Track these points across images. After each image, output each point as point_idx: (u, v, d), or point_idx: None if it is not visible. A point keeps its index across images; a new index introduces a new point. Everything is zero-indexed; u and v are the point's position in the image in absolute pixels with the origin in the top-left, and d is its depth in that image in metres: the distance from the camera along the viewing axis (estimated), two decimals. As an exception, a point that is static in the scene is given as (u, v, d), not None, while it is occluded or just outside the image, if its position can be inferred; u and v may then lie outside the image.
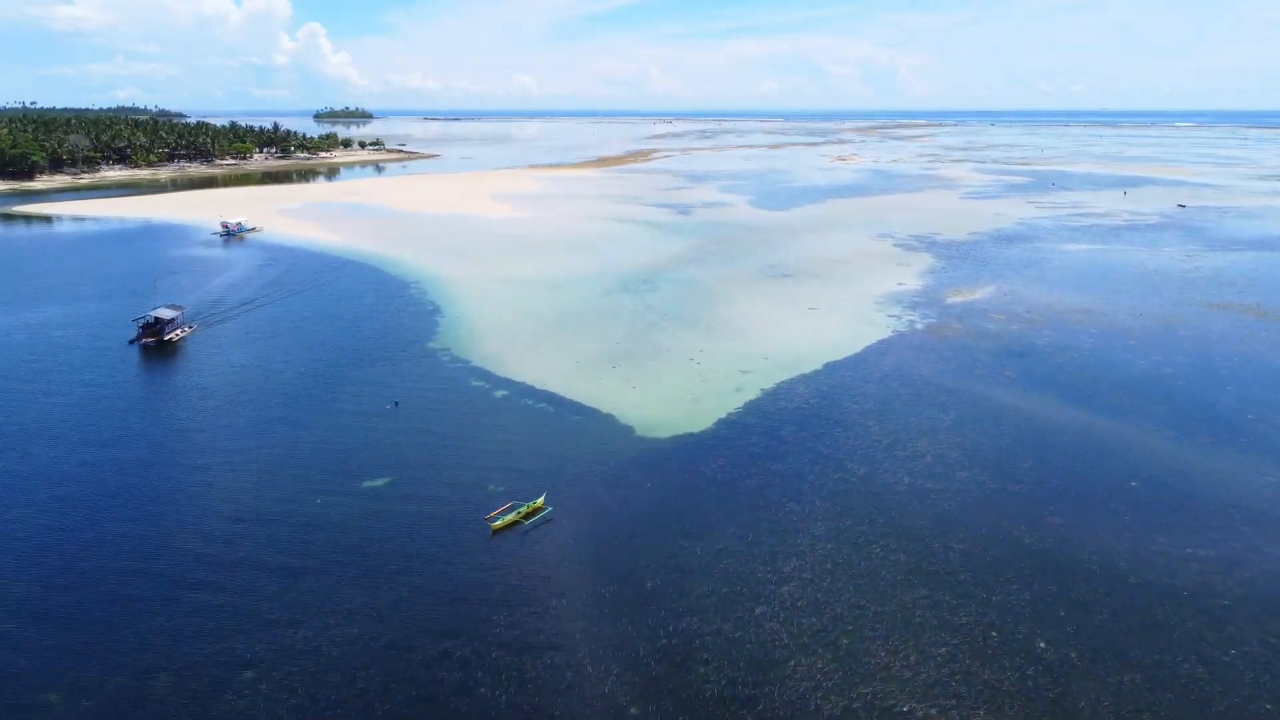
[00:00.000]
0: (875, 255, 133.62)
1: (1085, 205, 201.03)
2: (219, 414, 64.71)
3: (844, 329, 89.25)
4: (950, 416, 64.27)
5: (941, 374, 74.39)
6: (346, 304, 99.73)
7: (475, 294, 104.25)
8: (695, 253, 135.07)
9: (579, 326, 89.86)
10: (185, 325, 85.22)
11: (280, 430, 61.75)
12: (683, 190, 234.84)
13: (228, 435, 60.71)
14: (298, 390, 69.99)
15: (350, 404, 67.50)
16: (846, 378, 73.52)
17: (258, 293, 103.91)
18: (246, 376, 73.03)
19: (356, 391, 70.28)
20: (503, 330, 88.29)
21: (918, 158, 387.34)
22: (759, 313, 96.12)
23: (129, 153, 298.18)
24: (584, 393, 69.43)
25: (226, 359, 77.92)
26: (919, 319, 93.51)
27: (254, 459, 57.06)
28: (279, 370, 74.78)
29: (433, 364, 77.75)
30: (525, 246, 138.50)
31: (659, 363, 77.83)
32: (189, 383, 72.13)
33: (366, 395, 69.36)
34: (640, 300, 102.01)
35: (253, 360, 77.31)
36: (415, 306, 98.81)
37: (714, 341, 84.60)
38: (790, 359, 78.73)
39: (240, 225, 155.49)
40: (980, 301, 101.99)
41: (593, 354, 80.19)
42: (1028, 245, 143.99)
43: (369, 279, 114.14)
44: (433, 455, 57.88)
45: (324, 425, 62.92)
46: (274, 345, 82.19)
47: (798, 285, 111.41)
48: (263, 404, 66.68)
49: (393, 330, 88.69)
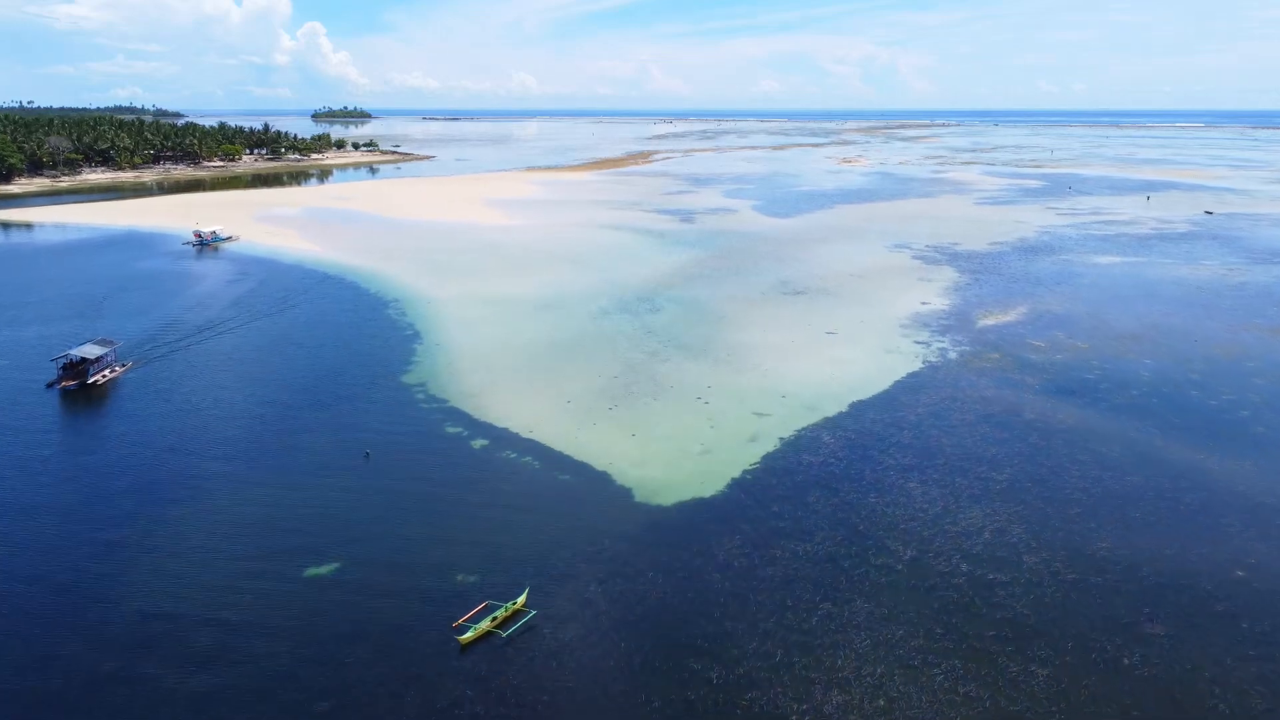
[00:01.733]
0: (894, 269, 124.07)
1: (1107, 211, 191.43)
2: (142, 475, 54.94)
3: (868, 359, 79.74)
4: (1004, 476, 54.75)
5: (985, 419, 64.87)
6: (315, 329, 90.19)
7: (459, 316, 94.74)
8: (699, 266, 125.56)
9: (571, 356, 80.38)
10: (117, 364, 74.33)
11: (216, 495, 52.23)
12: (685, 195, 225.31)
13: (149, 503, 51.12)
14: (244, 441, 60.43)
15: (305, 457, 58.00)
16: (877, 423, 64.01)
17: (218, 315, 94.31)
18: (184, 425, 63.18)
19: (314, 440, 60.77)
20: (486, 361, 78.81)
21: (925, 160, 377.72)
22: (772, 338, 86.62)
23: (112, 155, 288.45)
24: (575, 443, 59.95)
25: (163, 403, 67.38)
26: (950, 347, 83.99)
27: (179, 535, 47.55)
28: (226, 415, 65.15)
29: (404, 404, 68.26)
30: (516, 259, 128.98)
31: (662, 402, 68.35)
32: (112, 435, 61.76)
33: (325, 445, 59.85)
34: (640, 323, 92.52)
35: (195, 404, 67.37)
36: (391, 331, 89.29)
37: (723, 374, 75.12)
38: (810, 397, 69.27)
39: (214, 234, 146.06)
40: (1015, 325, 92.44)
41: (586, 391, 70.71)
42: (1055, 257, 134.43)
43: (344, 298, 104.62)
44: (394, 529, 48.39)
45: (270, 487, 53.43)
46: (224, 383, 72.53)
47: (812, 305, 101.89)
48: (199, 461, 57.06)
49: (363, 361, 79.18)
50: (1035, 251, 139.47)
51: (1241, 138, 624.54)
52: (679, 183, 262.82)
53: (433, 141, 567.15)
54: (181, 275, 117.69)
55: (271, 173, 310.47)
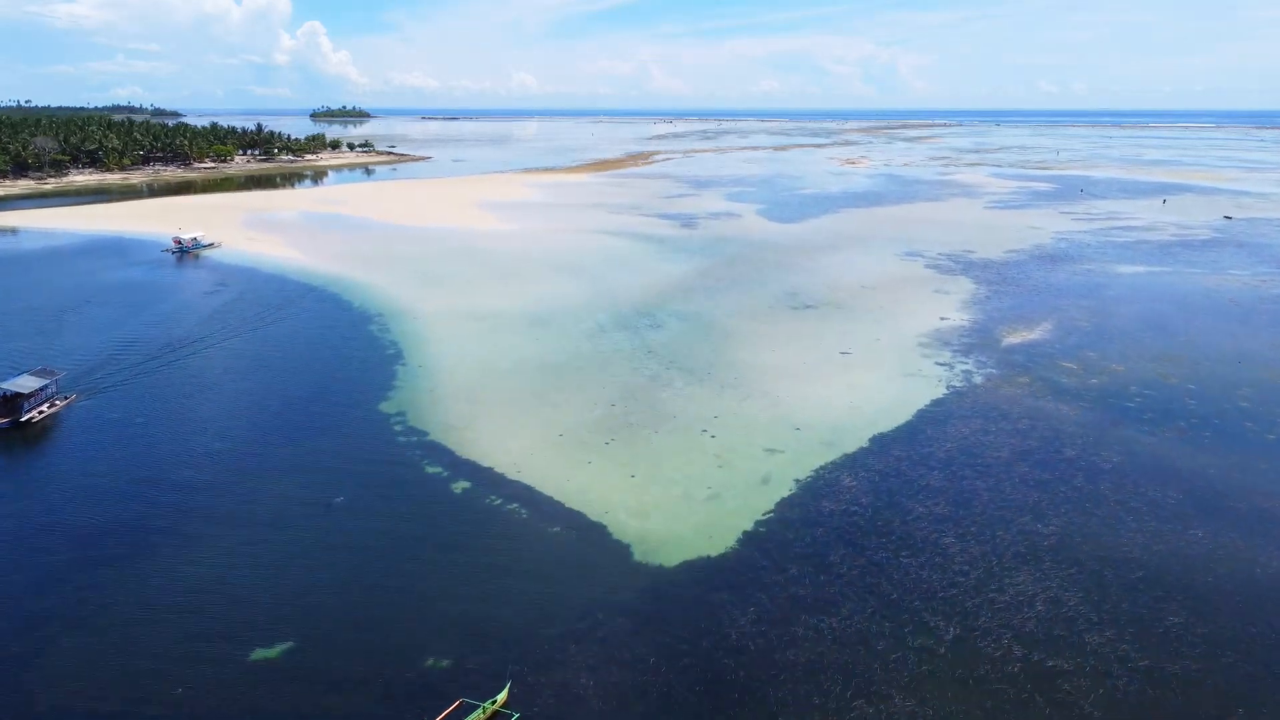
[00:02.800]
0: (907, 280, 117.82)
1: (1124, 216, 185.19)
2: (75, 532, 48.42)
3: (887, 385, 73.50)
4: (1051, 530, 48.52)
5: (1022, 456, 58.65)
6: (290, 348, 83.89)
7: (445, 334, 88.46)
8: (702, 277, 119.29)
9: (565, 380, 74.13)
10: (58, 397, 66.34)
11: (159, 554, 45.96)
12: (685, 198, 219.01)
13: (79, 566, 44.79)
14: (198, 486, 54.16)
15: (266, 504, 51.73)
16: (902, 462, 57.76)
17: (187, 333, 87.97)
18: (129, 469, 56.60)
19: (277, 483, 54.51)
20: (472, 386, 72.55)
21: (930, 161, 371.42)
22: (782, 360, 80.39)
23: (100, 156, 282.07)
24: (567, 486, 53.73)
25: (109, 443, 60.27)
26: (975, 370, 77.76)
27: (109, 605, 41.31)
28: (179, 455, 58.76)
29: (381, 438, 61.98)
30: (509, 268, 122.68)
31: (664, 436, 62.10)
32: (42, 484, 54.85)
33: (289, 489, 53.60)
34: (639, 341, 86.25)
35: (146, 442, 60.67)
36: (372, 351, 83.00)
37: (730, 402, 68.87)
38: (827, 430, 63.04)
39: (195, 241, 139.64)
40: (1042, 344, 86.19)
41: (581, 423, 64.46)
42: (1075, 266, 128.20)
43: (325, 312, 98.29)
44: (359, 598, 42.15)
45: (222, 544, 47.16)
46: (183, 415, 66.11)
47: (823, 321, 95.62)
48: (143, 513, 50.70)
49: (339, 386, 72.92)
50: (1054, 260, 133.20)
51: (1246, 138, 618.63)
52: (679, 185, 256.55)
53: (430, 142, 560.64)
54: (155, 286, 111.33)
55: (264, 174, 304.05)
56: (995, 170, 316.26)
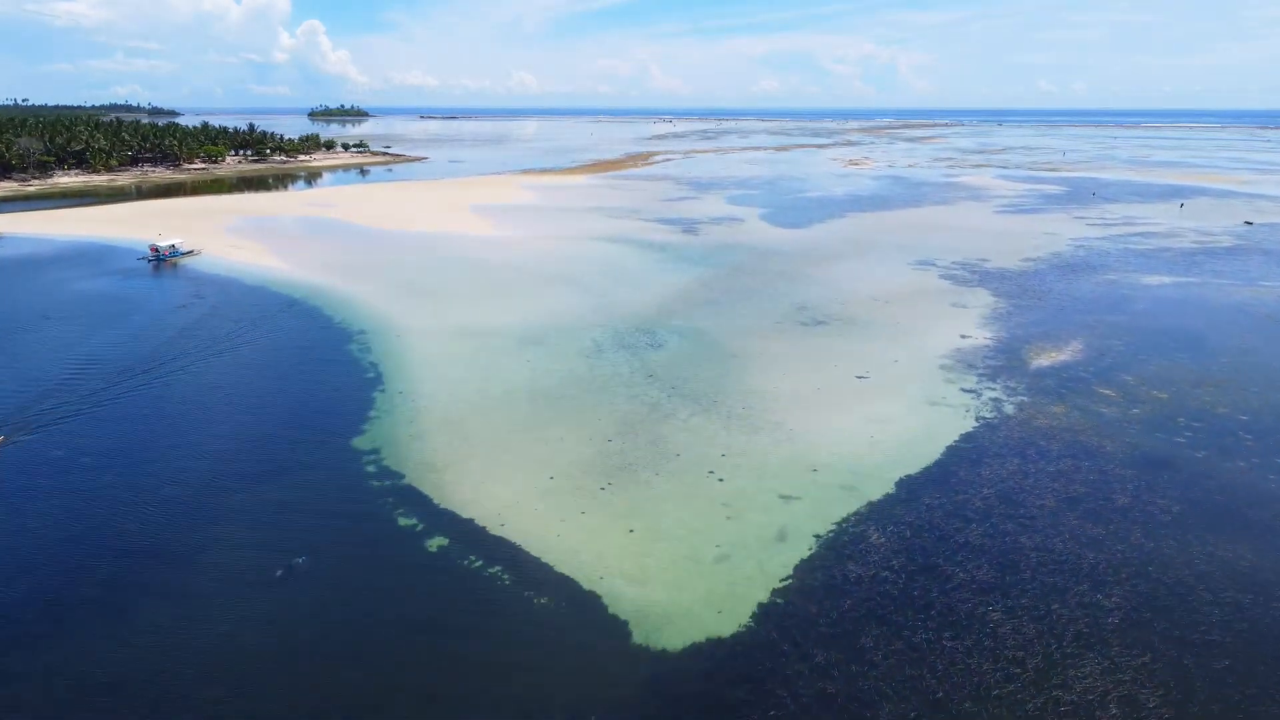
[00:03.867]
0: (922, 292, 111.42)
1: (1141, 221, 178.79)
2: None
3: (910, 415, 67.09)
4: (1114, 602, 42.14)
5: (1069, 504, 52.29)
6: (262, 373, 77.47)
7: (430, 354, 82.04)
8: (705, 288, 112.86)
9: (558, 410, 67.71)
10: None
11: (76, 636, 39.54)
12: (686, 202, 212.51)
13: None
14: (135, 543, 47.70)
15: (213, 567, 45.34)
16: (935, 512, 51.39)
17: (150, 354, 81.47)
18: (59, 524, 49.83)
19: (229, 538, 48.09)
20: (456, 417, 66.13)
21: (935, 162, 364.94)
22: (793, 384, 73.99)
23: (87, 157, 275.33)
24: (558, 543, 47.36)
25: (41, 492, 53.61)
26: (1005, 397, 71.38)
27: (17, 701, 34.92)
28: (121, 503, 52.21)
29: (351, 481, 55.59)
30: (501, 279, 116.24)
31: (666, 479, 55.72)
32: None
33: (242, 545, 47.19)
34: (639, 363, 79.85)
35: (85, 489, 53.82)
36: (350, 375, 76.57)
37: (739, 436, 62.48)
38: (846, 471, 56.67)
39: (173, 248, 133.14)
40: (1074, 366, 79.81)
41: (574, 463, 58.07)
42: (1098, 277, 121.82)
43: (303, 330, 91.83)
44: (305, 699, 35.76)
45: (151, 625, 40.74)
46: (130, 455, 59.46)
47: (836, 339, 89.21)
48: (66, 580, 44.14)
49: (310, 418, 66.49)
50: (1074, 270, 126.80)
51: (1252, 139, 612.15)
52: (680, 187, 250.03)
53: (427, 141, 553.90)
54: (124, 299, 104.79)
55: (256, 175, 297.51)
56: (1002, 172, 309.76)
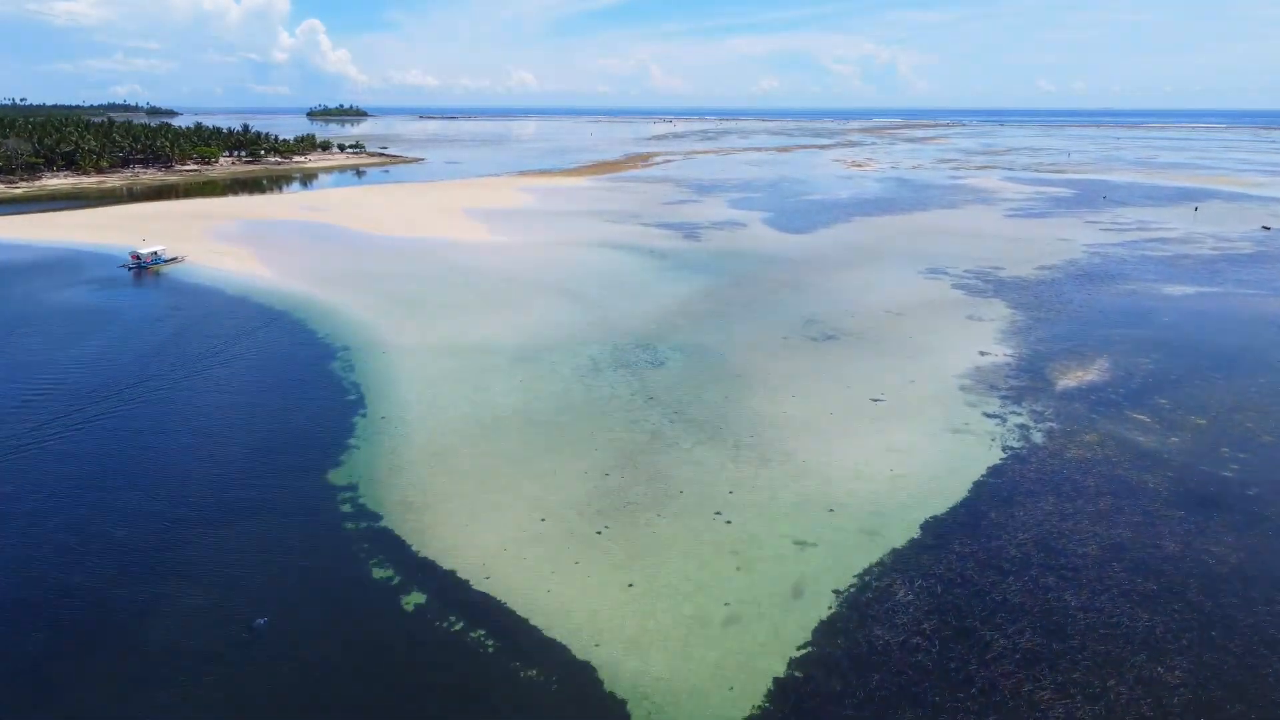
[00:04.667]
0: (935, 303, 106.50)
1: (1155, 226, 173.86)
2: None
3: (931, 445, 62.17)
4: (1178, 677, 37.20)
5: (1114, 553, 47.37)
6: (235, 397, 72.54)
7: (417, 374, 77.09)
8: (707, 299, 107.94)
9: (551, 438, 62.79)
10: None
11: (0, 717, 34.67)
12: (687, 205, 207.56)
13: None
14: (80, 600, 42.72)
15: (162, 633, 40.41)
16: (967, 562, 46.47)
17: (117, 376, 76.49)
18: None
19: (183, 594, 43.18)
20: (442, 446, 61.22)
21: (939, 163, 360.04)
22: (804, 409, 69.08)
23: (76, 158, 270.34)
24: (548, 600, 42.47)
25: None
26: (1032, 423, 66.45)
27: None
28: (64, 553, 47.10)
29: (324, 524, 50.68)
30: (495, 289, 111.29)
31: (668, 520, 50.82)
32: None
33: (198, 601, 42.28)
34: (639, 383, 74.93)
35: (25, 539, 48.72)
36: (330, 398, 71.65)
37: (747, 470, 57.59)
38: (866, 512, 51.79)
39: (155, 255, 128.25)
40: (1103, 388, 74.90)
41: (568, 501, 53.17)
42: (1117, 287, 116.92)
43: (285, 345, 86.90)
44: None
45: (98, 698, 35.82)
46: (81, 495, 54.40)
47: (848, 356, 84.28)
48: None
49: (285, 447, 61.58)
50: (1092, 279, 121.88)
51: (1257, 139, 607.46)
52: (681, 190, 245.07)
53: (425, 142, 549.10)
54: (98, 312, 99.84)
55: (249, 177, 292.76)
56: (1008, 174, 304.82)
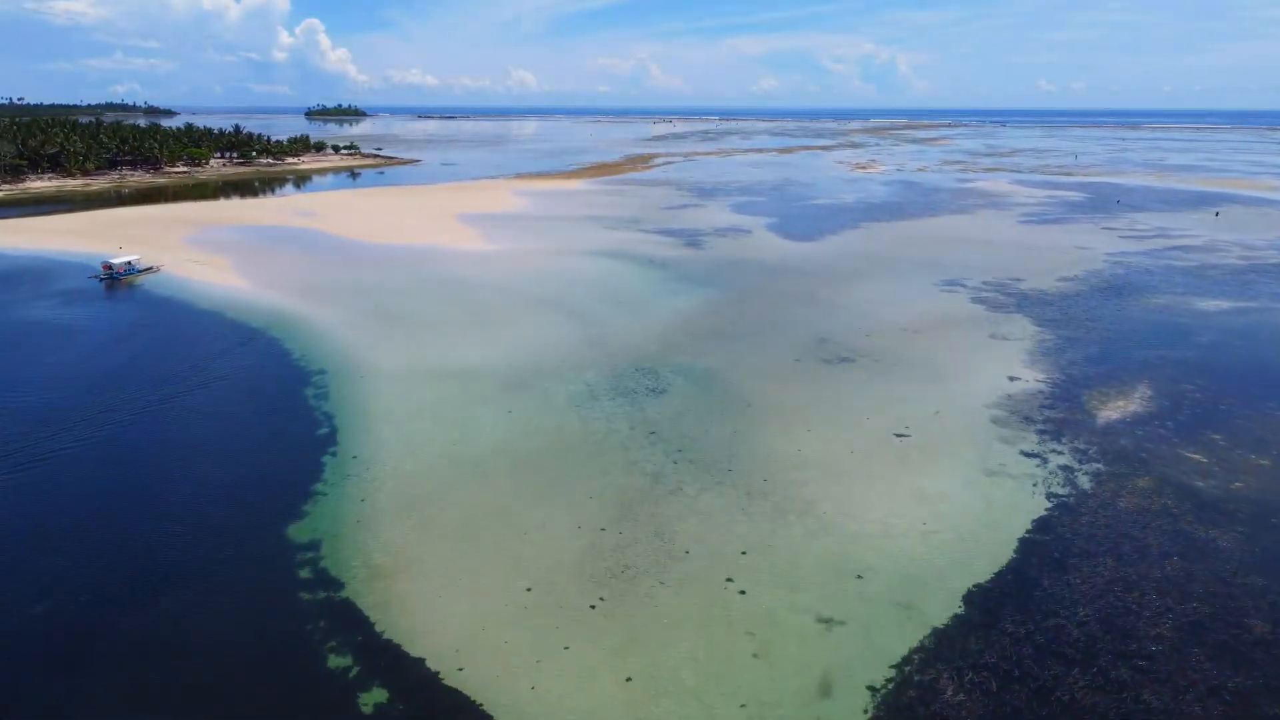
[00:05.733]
0: (955, 320, 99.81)
1: (1176, 233, 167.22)
2: None
3: (966, 492, 55.50)
4: (1294, 813, 30.58)
5: (1194, 637, 40.69)
6: (192, 430, 65.82)
7: (397, 403, 70.41)
8: (712, 315, 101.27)
9: (540, 484, 56.14)
10: None
11: None
12: (689, 210, 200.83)
13: None
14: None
15: (67, 738, 33.76)
16: (1022, 646, 39.79)
17: (69, 406, 69.76)
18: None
19: (90, 696, 36.51)
20: (419, 493, 54.56)
21: (945, 165, 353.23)
22: (822, 446, 62.42)
23: (62, 160, 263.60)
24: (531, 701, 35.86)
25: None
26: (1076, 464, 59.77)
27: None
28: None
29: (275, 593, 44.02)
30: (485, 304, 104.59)
31: (673, 590, 44.19)
32: None
33: (103, 710, 35.60)
34: (639, 415, 68.28)
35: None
36: (300, 432, 64.95)
37: (761, 523, 50.95)
38: (900, 578, 45.16)
39: (129, 265, 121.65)
40: (1149, 420, 68.22)
41: (558, 564, 46.52)
42: (1145, 300, 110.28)
43: (256, 369, 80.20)
44: None
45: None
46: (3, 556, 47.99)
47: (865, 381, 77.58)
48: None
49: (240, 494, 54.89)
50: (1118, 292, 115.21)
51: (1264, 140, 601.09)
52: (682, 194, 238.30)
53: (422, 143, 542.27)
54: (60, 329, 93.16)
55: (240, 179, 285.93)
56: (1017, 177, 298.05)
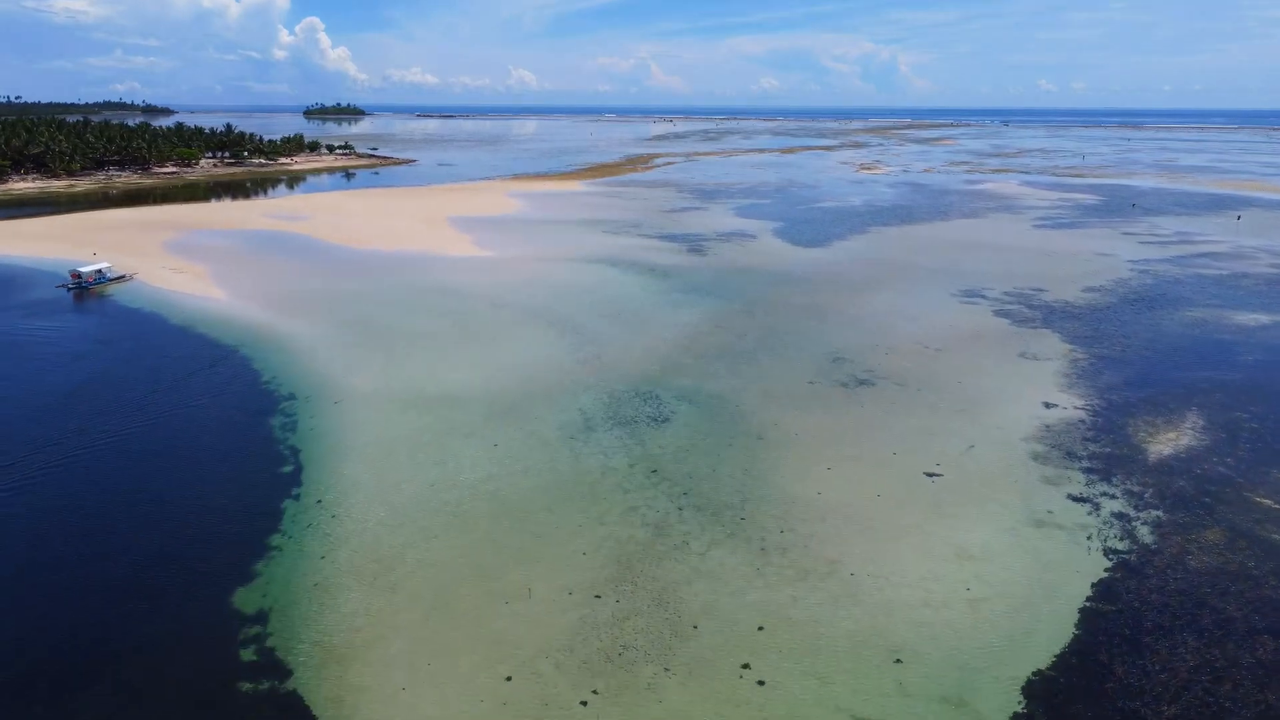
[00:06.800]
0: (978, 336, 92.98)
1: (1199, 238, 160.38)
2: None
3: (1013, 549, 48.66)
4: None
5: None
6: (139, 468, 58.95)
7: (371, 435, 63.55)
8: (718, 330, 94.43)
9: (526, 538, 49.32)
10: None
11: None
12: (691, 213, 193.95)
13: None
14: None
15: None
16: (1100, 761, 32.97)
17: (6, 437, 62.94)
18: None
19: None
20: (388, 549, 47.74)
21: (951, 166, 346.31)
22: (845, 488, 55.61)
23: (46, 160, 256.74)
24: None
25: None
26: (1132, 511, 52.95)
27: None
28: None
29: (208, 679, 37.20)
30: (474, 317, 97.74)
31: (679, 679, 37.37)
32: None
33: None
34: (640, 449, 61.44)
35: None
36: (259, 472, 58.08)
37: (781, 587, 44.14)
38: (945, 663, 38.35)
39: (99, 274, 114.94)
40: (1206, 455, 61.39)
41: (544, 646, 39.67)
42: (1179, 313, 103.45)
43: (221, 393, 73.34)
44: None
45: None
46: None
47: (888, 408, 70.72)
48: None
49: (185, 551, 48.03)
50: (1148, 304, 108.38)
51: (1270, 140, 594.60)
52: (683, 196, 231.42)
53: (420, 143, 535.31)
54: (13, 346, 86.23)
55: (230, 180, 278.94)
56: (1026, 178, 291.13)
